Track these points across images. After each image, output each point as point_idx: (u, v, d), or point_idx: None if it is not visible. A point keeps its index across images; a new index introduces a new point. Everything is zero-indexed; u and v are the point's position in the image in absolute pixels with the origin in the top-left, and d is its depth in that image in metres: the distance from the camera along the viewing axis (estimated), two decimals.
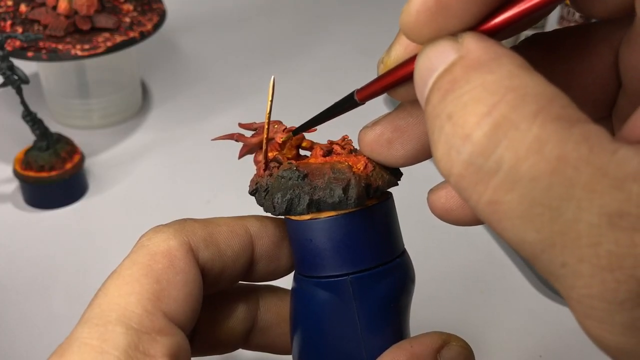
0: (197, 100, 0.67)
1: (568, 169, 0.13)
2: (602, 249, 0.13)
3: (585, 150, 0.13)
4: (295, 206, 0.23)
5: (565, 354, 0.42)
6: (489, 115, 0.14)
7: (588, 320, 0.14)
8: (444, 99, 0.15)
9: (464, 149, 0.14)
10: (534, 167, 0.14)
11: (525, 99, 0.14)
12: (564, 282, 0.14)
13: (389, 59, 0.19)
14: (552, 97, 0.14)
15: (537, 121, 0.14)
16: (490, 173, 0.14)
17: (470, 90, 0.15)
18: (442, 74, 0.15)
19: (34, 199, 0.53)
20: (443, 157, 0.15)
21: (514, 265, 0.49)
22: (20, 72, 0.48)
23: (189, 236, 0.23)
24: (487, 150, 0.14)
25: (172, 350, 0.21)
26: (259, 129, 0.26)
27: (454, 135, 0.15)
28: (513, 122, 0.14)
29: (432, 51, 0.16)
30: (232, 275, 0.25)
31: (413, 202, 0.44)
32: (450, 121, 0.15)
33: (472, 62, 0.15)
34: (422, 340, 0.23)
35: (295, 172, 0.23)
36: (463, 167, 0.15)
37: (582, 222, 0.13)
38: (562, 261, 0.14)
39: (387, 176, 0.23)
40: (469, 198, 0.15)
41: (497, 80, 0.14)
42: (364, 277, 0.23)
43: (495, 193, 0.14)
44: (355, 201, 0.22)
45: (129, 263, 0.22)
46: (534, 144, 0.14)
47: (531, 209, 0.14)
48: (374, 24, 0.82)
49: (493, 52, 0.15)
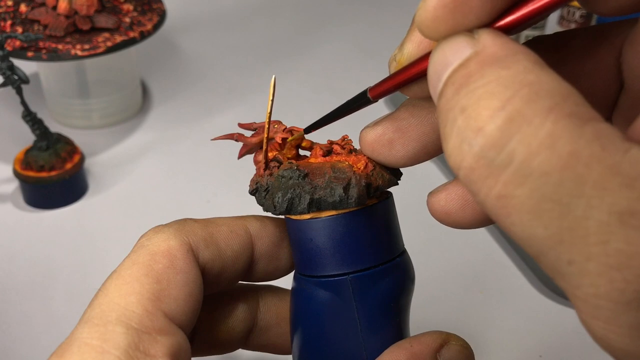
0: (197, 100, 0.67)
1: (579, 166, 0.13)
2: (611, 247, 0.13)
3: (598, 148, 0.13)
4: (296, 205, 0.23)
5: (565, 354, 0.42)
6: (503, 109, 0.14)
7: (593, 320, 0.14)
8: (457, 93, 0.15)
9: (475, 142, 0.14)
10: (545, 162, 0.13)
11: (540, 95, 0.14)
12: (570, 281, 0.14)
13: (402, 56, 0.19)
14: (566, 94, 0.14)
15: (550, 117, 0.14)
16: (502, 167, 0.14)
17: (485, 84, 0.15)
18: (457, 68, 0.15)
19: (34, 199, 0.53)
20: (454, 150, 0.15)
21: (514, 265, 0.49)
22: (20, 72, 0.48)
23: (189, 236, 0.23)
24: (500, 144, 0.14)
25: (173, 350, 0.21)
26: (259, 129, 0.26)
27: (466, 128, 0.15)
28: (526, 116, 0.14)
29: (447, 46, 0.16)
30: (232, 275, 0.25)
31: (413, 202, 0.44)
32: (463, 114, 0.15)
33: (487, 58, 0.15)
34: (422, 340, 0.23)
35: (296, 172, 0.23)
36: (474, 160, 0.15)
37: (591, 220, 0.13)
38: (570, 258, 0.14)
39: (387, 176, 0.23)
40: (478, 192, 0.15)
41: (512, 76, 0.14)
42: (364, 277, 0.23)
43: (506, 187, 0.14)
44: (356, 200, 0.22)
45: (129, 263, 0.22)
46: (547, 139, 0.14)
47: (541, 204, 0.14)
48: (373, 24, 0.82)
49: (509, 49, 0.15)
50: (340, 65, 0.74)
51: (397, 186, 0.24)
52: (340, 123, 0.23)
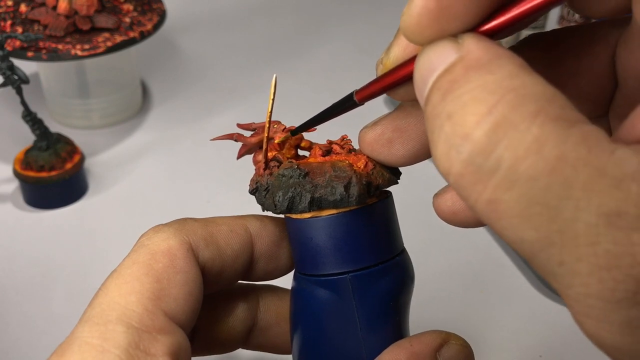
0: (197, 100, 0.67)
1: (567, 169, 0.13)
2: (600, 248, 0.13)
3: (584, 150, 0.13)
4: (297, 204, 0.23)
5: (565, 354, 0.42)
6: (489, 115, 0.14)
7: (585, 319, 0.14)
8: (444, 99, 0.15)
9: (463, 149, 0.15)
10: (532, 166, 0.14)
11: (525, 99, 0.14)
12: (561, 281, 0.14)
13: (388, 60, 0.19)
14: (551, 97, 0.14)
15: (536, 121, 0.14)
16: (490, 172, 0.14)
17: (471, 90, 0.15)
18: (442, 74, 0.16)
19: (34, 199, 0.53)
20: (442, 156, 0.15)
21: (514, 265, 0.49)
22: (20, 72, 0.48)
23: (189, 235, 0.24)
24: (487, 150, 0.14)
25: (173, 349, 0.21)
26: (258, 129, 0.26)
27: (453, 134, 0.15)
28: (512, 122, 0.14)
29: (432, 51, 0.16)
30: (232, 275, 0.25)
31: (413, 202, 0.44)
32: (450, 120, 0.15)
33: (472, 63, 0.15)
34: (421, 339, 0.23)
35: (296, 171, 0.23)
36: (462, 166, 0.15)
37: (580, 222, 0.13)
38: (560, 260, 0.14)
39: (387, 175, 0.23)
40: (468, 197, 0.15)
41: (497, 81, 0.15)
42: (363, 276, 0.23)
43: (494, 192, 0.14)
44: (356, 199, 0.22)
45: (129, 262, 0.22)
46: (533, 144, 0.14)
47: (530, 208, 0.14)
48: (373, 24, 0.82)
49: (493, 53, 0.15)
50: (340, 65, 0.74)
51: (397, 186, 0.24)
52: (339, 123, 0.23)
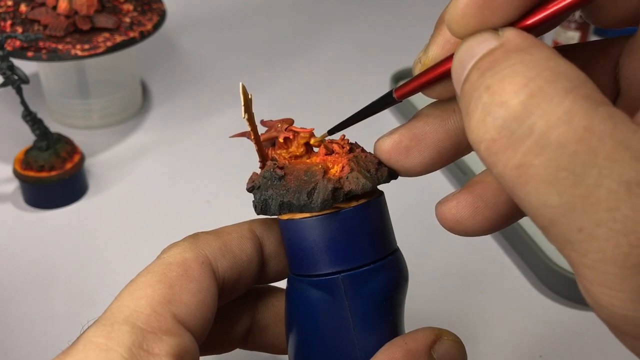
0: (197, 100, 0.67)
1: (593, 139, 0.15)
2: (619, 214, 0.14)
3: (610, 125, 0.15)
4: (269, 207, 0.23)
5: (565, 354, 0.42)
6: (526, 86, 0.15)
7: (598, 287, 0.15)
8: (482, 75, 0.16)
9: (499, 115, 0.16)
10: (562, 135, 0.15)
11: (560, 77, 0.15)
12: (579, 248, 0.15)
13: (427, 58, 0.20)
14: (583, 80, 0.16)
15: (569, 96, 0.15)
16: (522, 138, 0.15)
17: (510, 65, 0.16)
18: (483, 56, 0.17)
19: (34, 199, 0.53)
20: (478, 124, 0.16)
21: (514, 265, 0.49)
22: (20, 72, 0.48)
23: (204, 248, 0.24)
24: (522, 117, 0.15)
25: (177, 350, 0.21)
26: (270, 128, 0.26)
27: (491, 102, 0.16)
28: (547, 94, 0.15)
29: (473, 40, 0.17)
30: (248, 280, 0.26)
31: (413, 202, 0.44)
32: (488, 91, 0.16)
33: (512, 47, 0.16)
34: (415, 337, 0.23)
35: (272, 174, 0.24)
36: (497, 131, 0.16)
37: (602, 188, 0.14)
38: (580, 225, 0.15)
39: (363, 180, 0.23)
40: (497, 163, 0.16)
41: (535, 60, 0.16)
42: (355, 275, 0.23)
43: (525, 157, 0.15)
44: (319, 205, 0.23)
45: (145, 272, 0.23)
46: (565, 115, 0.15)
47: (557, 173, 0.15)
48: (374, 24, 0.82)
49: (531, 41, 0.17)
50: (340, 66, 0.74)
51: (397, 186, 0.24)
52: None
